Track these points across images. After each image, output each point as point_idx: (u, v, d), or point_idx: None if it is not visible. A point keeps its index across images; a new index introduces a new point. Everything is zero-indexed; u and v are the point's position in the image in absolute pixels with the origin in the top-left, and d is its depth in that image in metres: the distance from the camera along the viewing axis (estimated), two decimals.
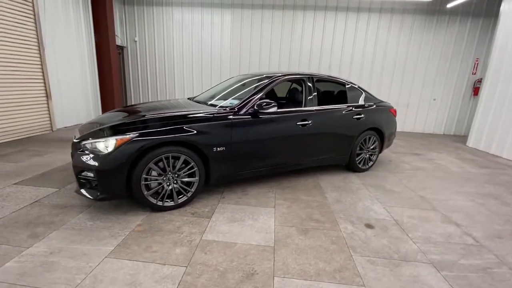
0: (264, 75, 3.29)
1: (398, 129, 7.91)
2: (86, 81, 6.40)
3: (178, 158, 2.40)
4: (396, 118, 4.33)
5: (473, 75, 7.41)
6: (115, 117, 2.73)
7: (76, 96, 6.09)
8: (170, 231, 2.17)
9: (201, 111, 2.64)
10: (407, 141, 6.55)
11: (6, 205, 2.43)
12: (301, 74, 3.37)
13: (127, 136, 2.20)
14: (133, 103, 7.93)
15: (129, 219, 2.32)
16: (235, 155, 2.71)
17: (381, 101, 4.09)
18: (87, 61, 6.36)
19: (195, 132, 2.42)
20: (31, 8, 4.78)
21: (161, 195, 2.40)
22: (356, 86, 3.83)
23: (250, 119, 2.76)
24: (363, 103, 3.78)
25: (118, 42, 7.66)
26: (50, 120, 5.39)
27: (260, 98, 2.86)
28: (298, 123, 3.08)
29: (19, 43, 4.63)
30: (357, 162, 3.80)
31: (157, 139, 2.25)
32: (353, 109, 3.60)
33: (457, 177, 3.98)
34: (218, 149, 2.57)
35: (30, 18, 4.79)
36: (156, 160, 2.30)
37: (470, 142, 6.20)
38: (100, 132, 2.36)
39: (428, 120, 7.85)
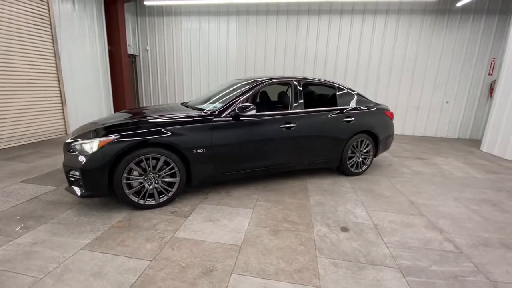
0: (253, 80, 3.37)
1: (408, 133, 7.63)
2: (100, 88, 6.84)
3: (158, 159, 2.53)
4: (405, 121, 4.22)
5: (489, 75, 7.01)
6: (113, 118, 2.93)
7: (90, 102, 6.52)
8: (146, 228, 2.29)
9: (183, 115, 2.77)
10: (415, 145, 6.30)
11: (8, 200, 2.68)
12: (288, 78, 3.41)
13: (109, 138, 2.37)
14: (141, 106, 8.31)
15: (112, 216, 2.48)
16: (216, 157, 2.80)
17: (376, 104, 4.01)
18: (101, 69, 6.81)
19: (173, 134, 2.55)
20: (48, 23, 5.25)
21: (142, 194, 2.54)
22: (348, 89, 3.80)
23: (231, 122, 2.85)
24: (354, 105, 3.74)
25: (131, 51, 8.13)
26: (65, 125, 5.82)
27: (242, 102, 2.94)
28: (281, 126, 3.12)
29: (37, 55, 5.08)
30: (349, 166, 3.74)
31: (136, 140, 2.40)
32: (342, 112, 3.58)
33: (457, 182, 3.79)
34: (198, 151, 2.68)
35: (47, 31, 5.25)
36: (137, 160, 2.44)
37: (484, 147, 5.85)
38: (88, 133, 2.55)
39: (441, 123, 7.50)
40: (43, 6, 5.10)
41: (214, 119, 2.78)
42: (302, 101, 3.36)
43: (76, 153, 2.41)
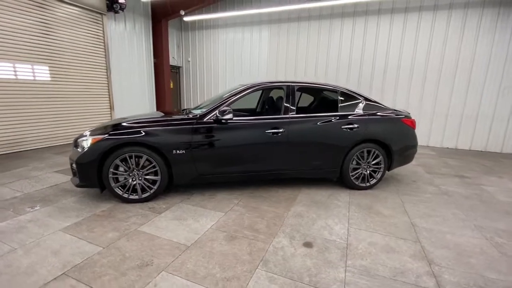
0: (250, 84, 3.37)
1: (463, 146, 6.44)
2: (144, 95, 7.78)
3: (141, 158, 2.76)
4: (458, 133, 3.64)
5: None
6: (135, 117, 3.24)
7: (135, 107, 7.46)
8: (119, 219, 2.51)
9: (166, 118, 2.95)
10: (464, 160, 5.27)
11: (35, 185, 3.29)
12: (282, 82, 3.31)
13: (100, 136, 2.70)
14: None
15: (100, 205, 2.80)
16: (196, 159, 2.89)
17: (392, 110, 3.54)
18: (146, 79, 7.75)
19: (151, 135, 2.74)
20: (102, 41, 6.28)
21: (126, 188, 2.80)
22: (353, 93, 3.47)
23: (213, 126, 2.92)
24: (360, 112, 3.39)
25: (175, 63, 9.03)
26: None
27: (226, 106, 2.99)
28: (267, 131, 3.04)
29: (92, 68, 6.12)
30: (353, 178, 3.38)
31: (121, 139, 2.68)
32: (344, 118, 3.28)
33: (495, 208, 3.03)
34: (178, 152, 2.82)
35: (101, 48, 6.28)
36: (122, 157, 2.72)
37: None
38: (96, 130, 2.91)
39: (509, 136, 6.09)
40: (99, 27, 6.14)
41: (195, 122, 2.89)
42: (294, 106, 3.21)
43: (78, 148, 2.82)
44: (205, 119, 2.93)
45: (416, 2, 6.32)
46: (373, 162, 3.40)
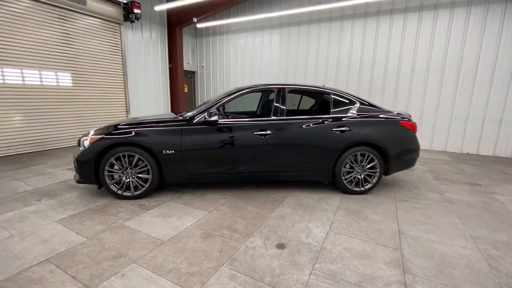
0: (241, 87, 3.44)
1: (485, 152, 5.96)
2: (159, 98, 8.17)
3: (134, 157, 2.94)
4: (480, 137, 3.45)
5: None
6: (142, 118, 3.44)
7: (150, 110, 7.86)
8: (109, 214, 2.69)
9: (158, 120, 3.10)
10: (482, 167, 4.87)
11: (47, 181, 3.62)
12: (273, 85, 3.34)
13: (97, 136, 2.92)
14: None
15: (96, 200, 3.01)
16: (185, 159, 3.01)
17: (389, 112, 3.41)
18: (161, 83, 8.14)
19: (145, 135, 2.91)
20: (119, 49, 6.73)
21: (120, 185, 2.99)
22: (347, 96, 3.39)
23: (202, 127, 3.02)
24: (354, 114, 3.30)
25: (190, 68, 9.39)
26: None
27: (214, 108, 3.08)
28: (255, 133, 3.08)
29: (110, 74, 6.58)
30: (346, 182, 3.29)
31: (115, 139, 2.87)
32: (334, 120, 3.22)
33: (501, 219, 2.78)
34: (168, 152, 2.96)
35: (118, 55, 6.73)
36: (116, 156, 2.91)
37: None
38: (99, 130, 3.13)
39: None
40: (116, 36, 6.60)
41: (184, 124, 3.02)
42: (284, 108, 3.22)
43: (81, 147, 3.06)
44: (194, 121, 3.04)
45: (431, 0, 6.01)
46: (368, 166, 3.29)
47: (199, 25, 8.22)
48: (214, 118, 2.95)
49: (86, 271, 1.82)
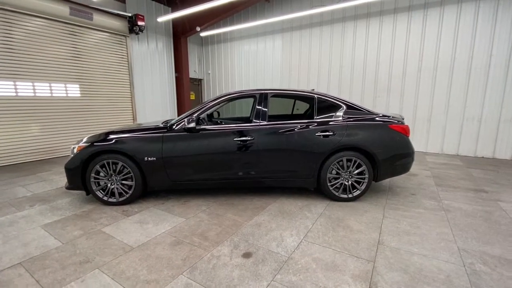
0: (222, 94, 3.44)
1: (503, 156, 5.50)
2: (166, 106, 8.41)
3: (117, 164, 3.03)
4: (495, 138, 3.26)
5: None
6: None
7: (157, 118, 8.12)
8: (91, 219, 2.78)
9: (141, 128, 3.18)
10: (498, 172, 4.49)
11: (46, 187, 3.82)
12: (254, 90, 3.32)
13: (83, 144, 3.05)
14: None
15: (83, 206, 3.12)
16: (167, 166, 3.05)
17: (378, 115, 3.25)
18: (168, 91, 8.39)
19: (126, 143, 2.99)
20: (126, 60, 7.04)
21: (105, 191, 3.09)
22: (332, 99, 3.29)
23: (182, 134, 3.06)
24: (339, 118, 3.19)
25: (196, 76, 9.60)
26: None
27: (195, 115, 3.11)
28: (236, 139, 3.06)
29: (117, 84, 6.89)
30: (332, 189, 3.17)
31: (98, 147, 2.98)
32: (318, 125, 3.13)
33: (499, 230, 2.53)
34: (149, 159, 3.02)
35: (125, 66, 7.04)
36: (101, 164, 3.02)
37: None
38: (90, 138, 3.26)
39: None
40: (123, 48, 6.93)
41: (165, 131, 3.07)
42: (266, 114, 3.18)
43: (71, 154, 3.22)
44: (175, 128, 3.09)
45: (404, 2, 5.73)
46: (356, 172, 3.15)
47: (202, 34, 8.41)
48: (192, 124, 2.98)
49: (51, 276, 1.89)
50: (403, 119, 3.38)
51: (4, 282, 1.82)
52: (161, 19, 6.93)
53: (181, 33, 8.21)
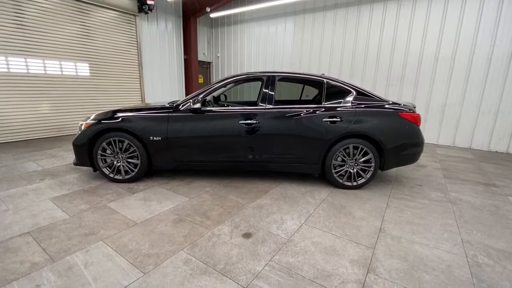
0: (230, 75, 3.39)
1: None
2: (175, 88, 8.39)
3: (124, 142, 3.06)
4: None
5: None
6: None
7: (165, 99, 8.12)
8: (98, 195, 2.85)
9: (148, 107, 3.18)
10: (510, 168, 4.34)
11: (56, 162, 3.93)
12: (262, 72, 3.24)
13: (90, 121, 3.09)
14: None
15: (91, 182, 3.20)
16: (171, 146, 3.07)
17: (389, 102, 3.14)
18: (176, 74, 8.35)
19: (133, 121, 3.01)
20: (135, 40, 6.98)
21: (112, 169, 3.14)
22: (342, 84, 3.18)
23: (188, 115, 3.05)
24: (348, 104, 3.10)
25: (205, 59, 9.48)
26: None
27: (201, 96, 3.08)
28: (241, 122, 3.03)
29: (126, 64, 6.87)
30: (336, 176, 3.14)
31: (104, 124, 3.01)
32: (326, 110, 3.05)
33: (507, 224, 2.47)
34: (155, 138, 3.03)
35: (134, 46, 6.99)
36: (107, 141, 3.05)
37: None
38: (98, 115, 3.29)
39: None
40: (132, 27, 6.85)
41: (171, 111, 3.06)
42: (272, 97, 3.12)
43: (78, 131, 3.26)
44: (181, 108, 3.08)
45: None
46: (362, 160, 3.09)
47: (212, 15, 8.21)
48: (197, 105, 2.96)
49: (57, 245, 1.96)
50: (414, 107, 3.27)
51: (13, 249, 1.91)
52: None
53: (190, 14, 8.03)
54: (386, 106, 3.11)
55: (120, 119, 3.03)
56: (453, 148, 5.76)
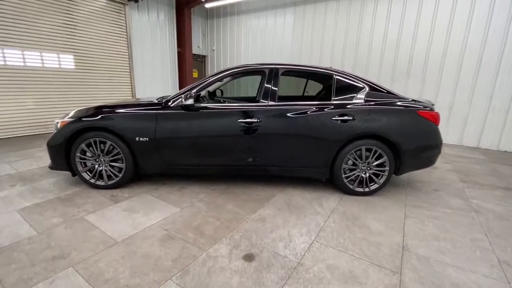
0: (231, 67, 3.01)
1: None
2: (168, 83, 7.95)
3: (105, 143, 2.67)
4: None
5: None
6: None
7: (157, 95, 7.68)
8: (74, 205, 2.47)
9: (132, 103, 2.79)
10: None
11: (32, 164, 3.52)
12: (264, 64, 2.87)
13: (67, 119, 2.68)
14: None
15: (68, 189, 2.81)
16: (161, 147, 2.69)
17: (406, 100, 2.81)
18: (169, 68, 7.90)
19: (114, 120, 2.62)
20: (125, 31, 6.51)
21: (93, 173, 2.76)
22: (354, 78, 2.84)
23: (177, 112, 2.67)
24: (361, 101, 2.76)
25: (200, 52, 9.02)
26: None
27: (194, 91, 2.70)
28: (239, 121, 2.66)
29: (115, 57, 6.41)
30: (346, 181, 2.81)
31: (83, 123, 2.61)
32: (336, 107, 2.70)
33: None
34: (141, 139, 2.65)
35: (123, 38, 6.52)
36: (87, 142, 2.66)
37: None
38: (77, 112, 2.88)
39: None
40: (121, 17, 6.37)
41: (159, 108, 2.68)
42: (276, 93, 2.76)
43: (54, 130, 2.85)
44: (171, 105, 2.70)
45: None
46: (375, 163, 2.76)
47: (208, 5, 7.75)
48: (190, 101, 2.59)
49: (16, 273, 1.59)
50: (433, 105, 2.94)
51: None
52: None
53: (184, 4, 7.56)
54: (403, 103, 2.78)
55: (99, 116, 2.63)
56: (461, 147, 5.49)
